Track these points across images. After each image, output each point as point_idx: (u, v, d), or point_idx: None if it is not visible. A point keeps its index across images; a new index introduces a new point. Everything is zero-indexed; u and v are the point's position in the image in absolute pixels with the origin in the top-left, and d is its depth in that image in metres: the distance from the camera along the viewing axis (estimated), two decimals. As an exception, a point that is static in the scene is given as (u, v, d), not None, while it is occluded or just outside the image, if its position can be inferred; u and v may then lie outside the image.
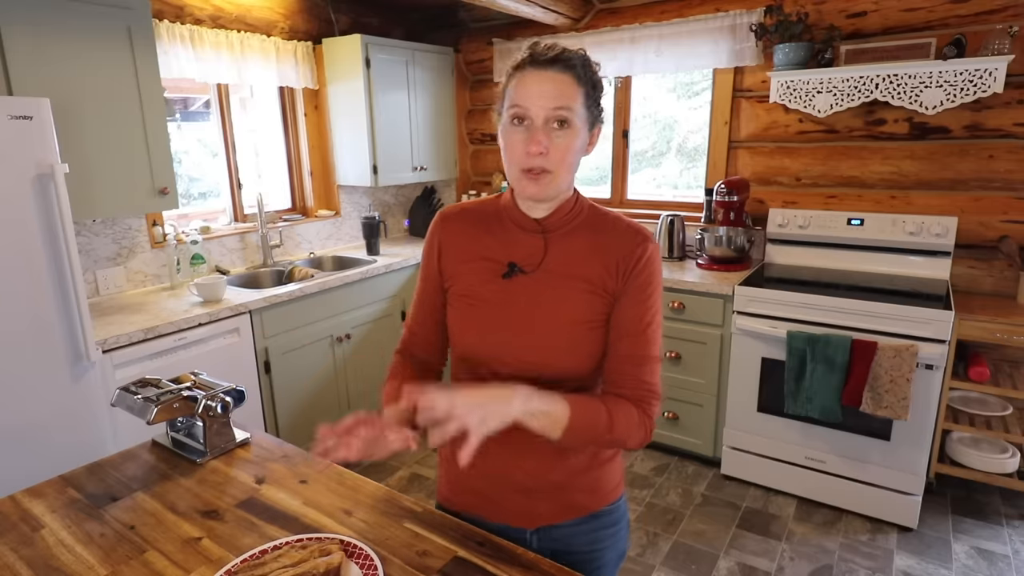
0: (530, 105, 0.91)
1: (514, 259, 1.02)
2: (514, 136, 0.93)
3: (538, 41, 0.96)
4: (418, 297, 1.13)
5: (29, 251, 1.75)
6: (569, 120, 0.92)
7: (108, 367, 2.03)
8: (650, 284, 1.00)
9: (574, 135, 0.93)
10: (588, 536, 1.08)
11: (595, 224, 1.03)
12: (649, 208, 3.45)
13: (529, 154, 0.91)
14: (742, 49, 2.87)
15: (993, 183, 2.54)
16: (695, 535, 2.38)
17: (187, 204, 3.06)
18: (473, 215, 1.08)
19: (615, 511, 1.11)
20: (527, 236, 1.02)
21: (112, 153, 2.20)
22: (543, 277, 1.00)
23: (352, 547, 0.95)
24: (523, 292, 1.00)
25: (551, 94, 0.90)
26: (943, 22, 2.51)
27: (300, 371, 2.69)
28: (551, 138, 0.92)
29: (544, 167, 0.92)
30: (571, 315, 0.98)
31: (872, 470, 2.40)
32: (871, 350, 2.24)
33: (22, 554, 0.98)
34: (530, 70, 0.92)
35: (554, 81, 0.91)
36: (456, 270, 1.05)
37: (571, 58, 0.93)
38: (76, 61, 2.07)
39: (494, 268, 1.02)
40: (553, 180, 0.94)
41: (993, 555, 2.23)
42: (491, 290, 1.02)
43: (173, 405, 1.24)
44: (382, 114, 3.26)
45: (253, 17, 2.98)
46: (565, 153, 0.93)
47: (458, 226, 1.08)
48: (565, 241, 1.01)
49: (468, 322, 1.03)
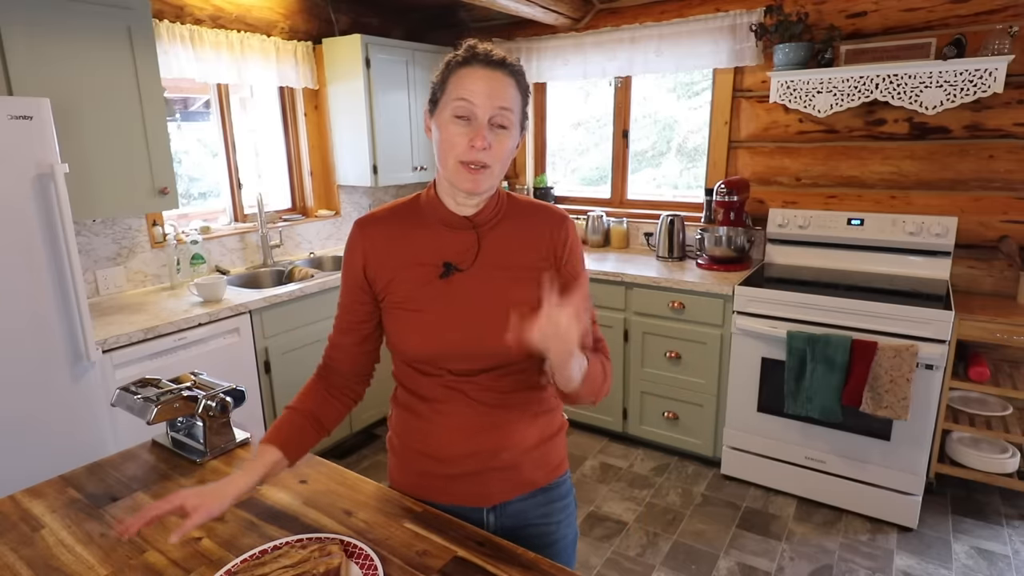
0: (477, 100, 0.92)
1: (447, 258, 1.02)
2: (456, 128, 0.94)
3: (477, 43, 0.97)
4: (341, 310, 1.10)
5: (29, 251, 1.75)
6: (510, 122, 0.95)
7: (108, 367, 2.03)
8: (579, 258, 1.10)
9: (510, 136, 0.96)
10: (541, 510, 1.12)
11: (517, 212, 1.07)
12: (649, 208, 3.45)
13: (474, 148, 0.92)
14: (742, 49, 2.87)
15: (993, 183, 2.54)
16: (695, 535, 2.38)
17: (187, 204, 3.06)
18: (393, 219, 1.06)
19: (563, 484, 1.16)
20: (456, 233, 1.03)
21: (112, 153, 2.19)
22: (480, 272, 1.02)
23: (352, 547, 0.95)
24: (462, 290, 1.01)
25: (499, 94, 0.93)
26: (943, 22, 2.51)
27: (300, 371, 2.69)
28: (493, 136, 0.94)
29: (485, 162, 0.94)
30: (513, 303, 0.99)
31: (872, 470, 2.40)
32: (871, 350, 2.24)
33: (22, 554, 0.98)
34: (478, 67, 0.93)
35: (501, 82, 0.94)
36: (387, 278, 1.03)
37: (515, 65, 0.97)
38: (76, 61, 2.07)
39: (428, 270, 1.02)
40: (490, 175, 0.96)
41: (993, 555, 2.23)
42: (429, 293, 1.01)
43: (173, 405, 1.24)
44: (382, 114, 3.26)
45: (253, 17, 2.98)
46: (503, 152, 0.96)
47: (380, 232, 1.05)
48: (495, 234, 1.04)
49: (410, 329, 1.02)
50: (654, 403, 2.92)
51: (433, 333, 1.01)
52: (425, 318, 1.01)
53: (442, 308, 1.01)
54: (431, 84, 1.00)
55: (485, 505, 1.08)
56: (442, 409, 1.05)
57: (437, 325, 1.01)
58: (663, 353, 2.82)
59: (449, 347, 1.00)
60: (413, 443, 1.09)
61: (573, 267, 1.08)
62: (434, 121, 0.98)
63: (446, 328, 1.00)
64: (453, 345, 1.00)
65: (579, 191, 3.78)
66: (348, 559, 0.93)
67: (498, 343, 0.97)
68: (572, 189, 3.80)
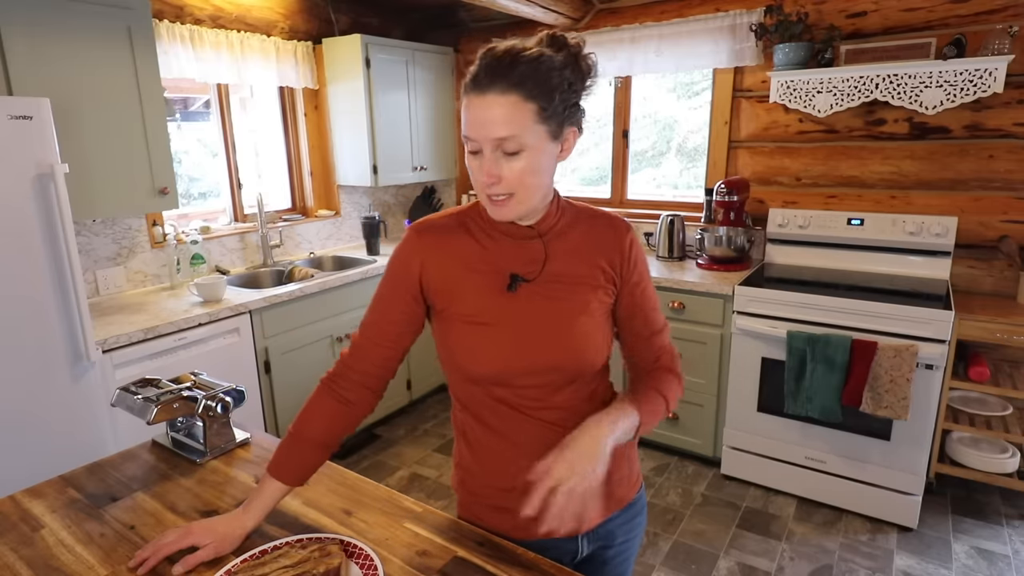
0: (474, 134, 0.86)
1: (513, 269, 0.96)
2: (473, 163, 0.90)
3: (492, 48, 0.86)
4: (378, 318, 1.02)
5: (29, 251, 1.75)
6: (517, 147, 0.85)
7: (108, 367, 2.03)
8: (644, 265, 1.06)
9: (528, 158, 0.87)
10: (625, 527, 1.09)
11: (580, 219, 1.02)
12: (649, 208, 3.45)
13: (484, 184, 0.88)
14: (742, 49, 2.87)
15: (993, 183, 2.54)
16: (695, 535, 2.38)
17: (187, 204, 3.06)
18: (453, 227, 1.00)
19: (642, 497, 1.13)
20: (520, 244, 0.98)
21: (112, 153, 2.19)
22: (547, 282, 0.97)
23: (352, 547, 0.95)
24: (529, 301, 0.96)
25: (494, 122, 0.84)
26: (943, 22, 2.51)
27: (300, 371, 2.69)
28: (501, 165, 0.87)
29: (503, 192, 0.89)
30: (583, 313, 0.97)
31: (872, 470, 2.40)
32: (871, 350, 2.24)
33: (22, 554, 0.98)
34: (472, 95, 0.85)
35: (497, 106, 0.83)
36: (448, 289, 0.97)
37: (514, 68, 0.83)
38: (76, 61, 2.07)
39: (493, 282, 0.96)
40: (516, 203, 0.90)
41: (993, 555, 2.23)
42: (496, 305, 0.95)
43: (173, 405, 1.24)
44: (382, 114, 3.26)
45: (253, 17, 2.98)
46: (521, 176, 0.87)
47: (440, 240, 0.99)
48: (560, 242, 0.99)
49: (479, 344, 0.96)
50: (654, 403, 2.91)
51: (501, 347, 0.95)
52: (491, 332, 0.95)
53: (509, 321, 0.95)
54: None
55: (580, 532, 1.03)
56: (512, 435, 0.99)
57: (504, 339, 0.95)
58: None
59: (515, 362, 0.95)
60: (490, 479, 1.02)
61: (639, 275, 1.04)
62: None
63: (513, 342, 0.94)
64: (519, 360, 0.95)
65: (579, 191, 3.78)
66: (348, 559, 0.93)
67: (572, 353, 0.96)
68: (572, 189, 3.80)
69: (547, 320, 0.95)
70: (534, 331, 0.95)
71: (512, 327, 0.95)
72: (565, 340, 0.95)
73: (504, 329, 0.95)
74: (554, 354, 0.95)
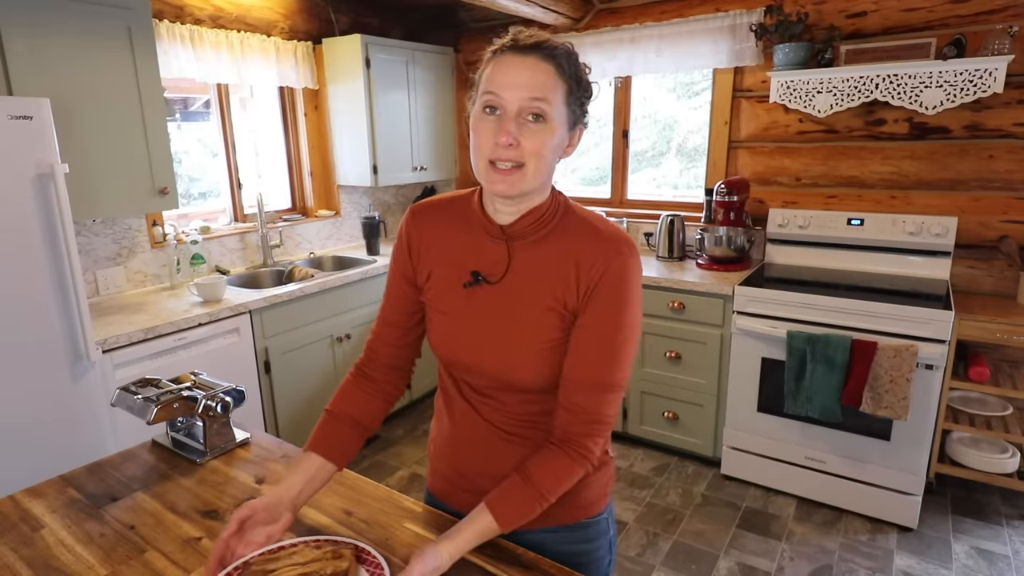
0: (504, 92, 0.82)
1: (479, 267, 0.94)
2: (484, 124, 0.85)
3: (523, 28, 0.87)
4: (386, 300, 1.05)
5: (29, 251, 1.75)
6: (545, 113, 0.83)
7: (108, 367, 2.03)
8: (617, 301, 0.88)
9: (549, 131, 0.84)
10: (565, 547, 1.02)
11: (569, 231, 0.92)
12: (649, 208, 3.45)
13: (498, 144, 0.83)
14: (742, 49, 2.87)
15: (993, 183, 2.54)
16: (695, 535, 2.38)
17: (187, 204, 3.06)
18: (445, 212, 1.00)
19: (594, 524, 1.04)
20: (492, 243, 0.94)
21: (112, 153, 2.19)
22: (505, 290, 0.92)
23: (366, 553, 0.94)
24: (484, 305, 0.93)
25: (528, 82, 0.82)
26: (943, 22, 2.51)
27: (300, 371, 2.69)
28: (523, 130, 0.83)
29: (515, 159, 0.84)
30: (531, 334, 0.91)
31: (872, 470, 2.40)
32: (871, 350, 2.24)
33: (22, 554, 0.98)
34: (509, 55, 0.84)
35: (533, 69, 0.83)
36: (426, 271, 0.99)
37: (555, 48, 0.84)
38: (76, 61, 2.07)
39: (458, 276, 0.95)
40: (523, 176, 0.85)
41: (993, 555, 2.23)
42: (454, 300, 0.96)
43: (173, 405, 1.24)
44: (382, 114, 3.26)
45: (253, 17, 2.98)
46: (538, 147, 0.84)
47: (429, 224, 1.00)
48: (531, 250, 0.92)
49: (435, 329, 0.99)
50: (654, 403, 2.92)
51: (451, 339, 0.97)
52: (448, 322, 0.97)
53: (462, 318, 0.95)
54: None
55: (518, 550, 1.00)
56: (463, 424, 1.01)
57: (457, 334, 0.96)
58: (663, 353, 2.82)
59: (462, 358, 0.96)
60: (442, 450, 1.07)
61: (596, 312, 0.88)
62: (470, 121, 0.89)
63: (465, 339, 0.95)
64: (466, 358, 0.96)
65: (579, 191, 3.78)
66: (358, 564, 0.93)
67: (508, 369, 0.93)
68: (572, 189, 3.80)
69: (492, 328, 0.93)
70: (480, 334, 0.94)
71: (464, 323, 0.95)
72: (502, 353, 0.93)
73: (458, 322, 0.96)
74: (492, 363, 0.94)
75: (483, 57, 0.89)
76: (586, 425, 0.90)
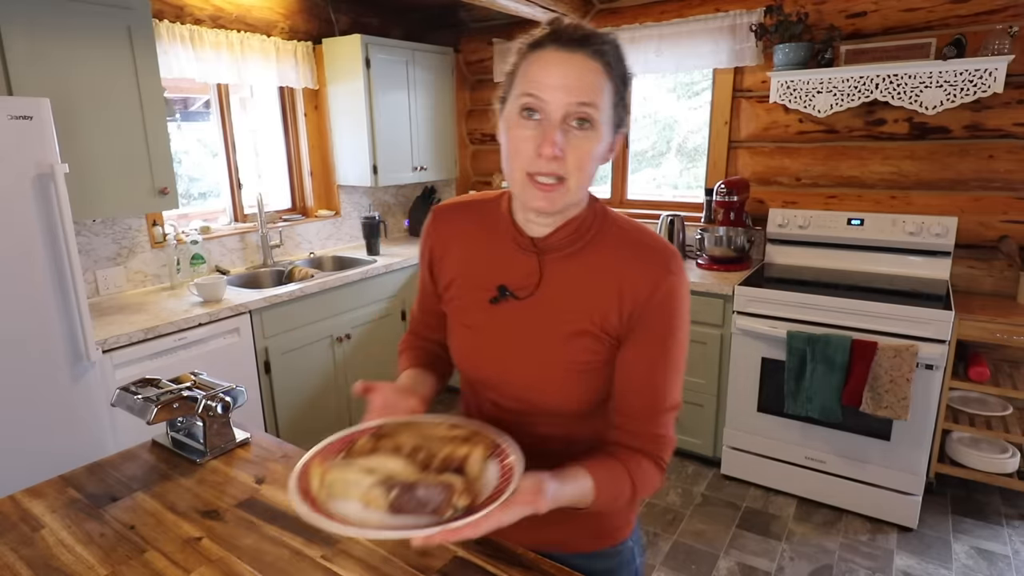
0: (547, 95, 0.73)
1: (507, 281, 0.86)
2: (522, 131, 0.75)
3: (560, 17, 0.77)
4: (419, 295, 1.02)
5: (29, 251, 1.75)
6: (593, 120, 0.74)
7: (108, 367, 2.03)
8: (668, 326, 0.81)
9: (596, 138, 0.76)
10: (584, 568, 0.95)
11: (608, 243, 0.84)
12: (649, 208, 3.45)
13: (541, 156, 0.74)
14: (742, 49, 2.87)
15: (993, 183, 2.54)
16: (695, 535, 2.38)
17: (187, 204, 3.06)
18: (470, 216, 0.92)
19: (616, 555, 0.96)
20: (521, 255, 0.86)
21: (112, 153, 2.19)
22: (535, 307, 0.85)
23: (502, 454, 0.77)
24: (512, 321, 0.86)
25: (575, 84, 0.73)
26: (943, 22, 2.51)
27: (300, 371, 2.69)
28: (568, 139, 0.74)
29: (557, 173, 0.75)
30: (563, 356, 0.84)
31: (872, 470, 2.40)
32: (871, 350, 2.24)
33: (22, 554, 0.98)
34: (551, 50, 0.74)
35: (581, 68, 0.73)
36: (447, 279, 0.92)
37: (603, 42, 0.75)
38: (76, 61, 2.07)
39: (483, 288, 0.88)
40: (566, 191, 0.77)
41: (993, 555, 2.23)
42: (478, 314, 0.89)
43: (173, 405, 1.24)
44: (382, 114, 3.26)
45: (253, 17, 2.98)
46: (584, 159, 0.75)
47: (451, 228, 0.93)
48: (565, 264, 0.84)
49: (462, 347, 0.93)
50: (654, 403, 2.91)
51: (474, 354, 0.90)
52: (473, 338, 0.90)
53: (488, 335, 0.88)
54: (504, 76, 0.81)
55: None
56: None
57: (483, 351, 0.89)
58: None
59: (486, 375, 0.90)
60: None
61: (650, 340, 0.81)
62: (502, 122, 0.80)
63: (491, 357, 0.88)
64: (490, 375, 0.89)
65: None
66: (490, 458, 0.77)
67: (536, 391, 0.86)
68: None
69: (520, 346, 0.86)
70: (506, 352, 0.87)
71: (489, 339, 0.89)
72: (530, 374, 0.86)
73: (482, 337, 0.89)
74: (518, 383, 0.88)
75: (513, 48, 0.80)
76: (653, 444, 0.85)
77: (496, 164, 3.87)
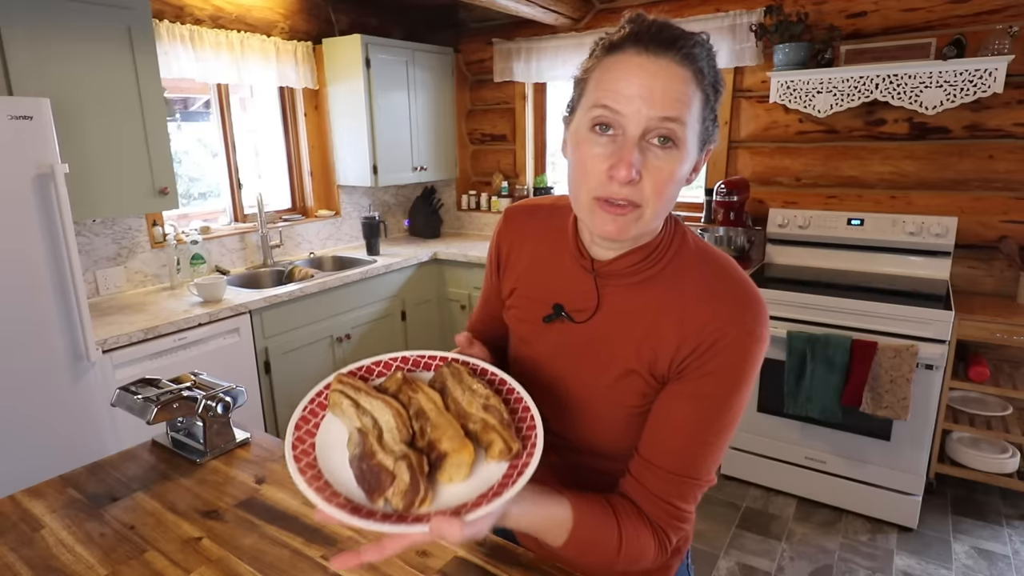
0: (625, 107, 0.63)
1: (564, 300, 0.78)
2: (593, 148, 0.65)
3: (643, 14, 0.66)
4: (481, 300, 0.95)
5: (29, 251, 1.75)
6: (677, 137, 0.64)
7: (108, 367, 2.03)
8: (725, 386, 0.69)
9: (679, 158, 0.65)
10: None
11: (679, 275, 0.72)
12: (649, 208, 3.45)
13: (613, 179, 0.64)
14: (742, 49, 2.87)
15: (993, 183, 2.54)
16: (695, 535, 2.38)
17: (187, 204, 3.07)
18: (542, 220, 0.83)
19: None
20: (584, 274, 0.77)
21: (112, 153, 2.19)
22: (590, 335, 0.76)
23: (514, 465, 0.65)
24: (563, 345, 0.78)
25: (660, 96, 0.62)
26: (943, 22, 2.51)
27: (300, 371, 2.69)
28: (647, 159, 0.64)
29: (632, 200, 0.65)
30: (608, 396, 0.75)
31: (872, 470, 2.40)
32: (871, 350, 2.24)
33: (22, 554, 0.98)
34: (631, 53, 0.63)
35: (667, 77, 0.62)
36: (511, 284, 0.85)
37: (693, 45, 0.63)
38: (76, 61, 2.07)
39: (540, 302, 0.80)
40: (640, 218, 0.67)
41: (993, 555, 2.23)
42: (531, 329, 0.81)
43: (173, 405, 1.24)
44: (382, 114, 3.26)
45: (253, 17, 2.98)
46: (664, 184, 0.65)
47: (522, 232, 0.85)
48: (627, 294, 0.74)
49: (516, 358, 0.87)
50: (654, 403, 2.91)
51: (532, 374, 0.82)
52: (530, 353, 0.83)
53: (541, 354, 0.81)
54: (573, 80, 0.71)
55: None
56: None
57: (536, 367, 0.81)
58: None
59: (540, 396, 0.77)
60: None
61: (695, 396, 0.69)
62: (569, 136, 0.70)
63: (540, 375, 0.80)
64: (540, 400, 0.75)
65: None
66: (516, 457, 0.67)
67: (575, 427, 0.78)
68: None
69: (566, 375, 0.78)
70: (552, 378, 0.79)
71: (540, 359, 0.81)
72: (571, 408, 0.78)
73: (536, 355, 0.82)
74: (558, 415, 0.79)
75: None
76: (664, 514, 0.72)
77: (495, 164, 3.87)
